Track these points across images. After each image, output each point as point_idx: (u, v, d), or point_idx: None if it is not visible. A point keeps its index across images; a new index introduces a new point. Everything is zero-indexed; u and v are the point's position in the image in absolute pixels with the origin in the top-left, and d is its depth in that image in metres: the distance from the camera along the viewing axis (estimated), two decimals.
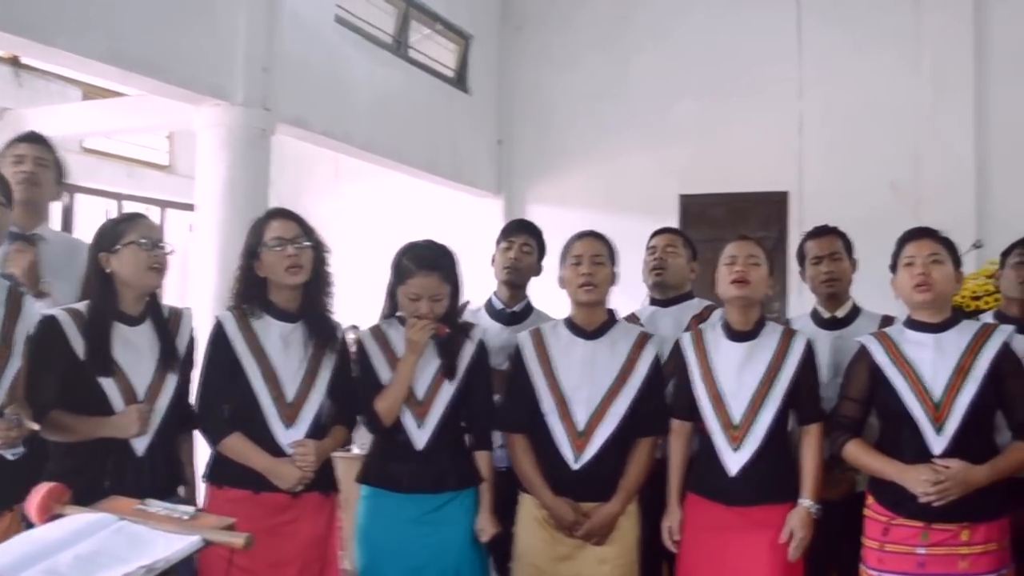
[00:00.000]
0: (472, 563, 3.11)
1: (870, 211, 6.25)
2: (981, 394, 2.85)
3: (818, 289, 3.58)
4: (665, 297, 3.84)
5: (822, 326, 3.53)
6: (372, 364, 3.13)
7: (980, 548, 2.82)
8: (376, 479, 3.13)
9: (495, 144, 9.13)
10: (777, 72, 8.13)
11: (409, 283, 3.05)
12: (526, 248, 3.78)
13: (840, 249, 3.58)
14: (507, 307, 3.77)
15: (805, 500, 3.03)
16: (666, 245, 3.87)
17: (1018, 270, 3.39)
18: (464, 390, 3.13)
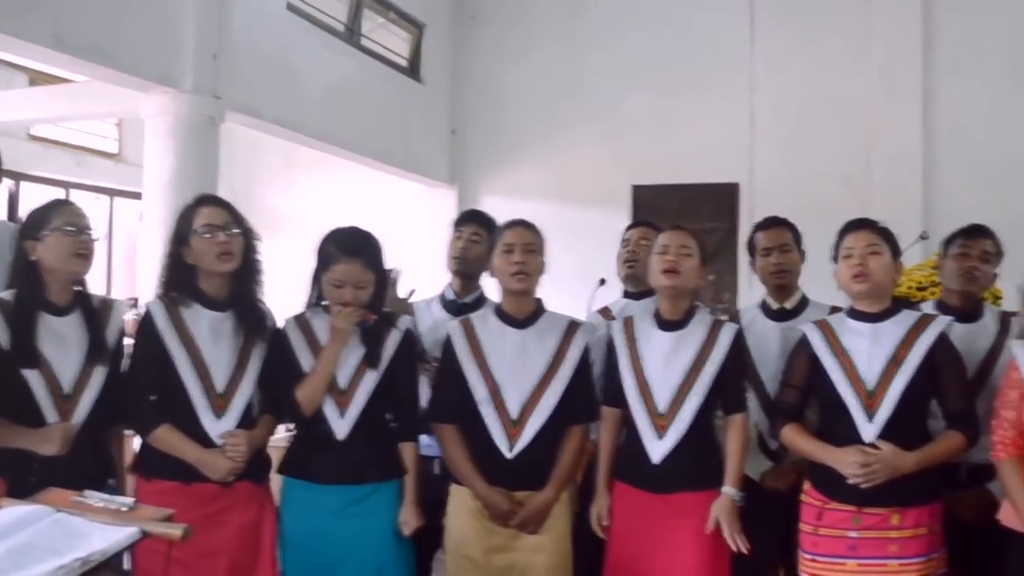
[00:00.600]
0: (395, 556, 3.04)
1: (820, 204, 6.31)
2: (914, 383, 2.90)
3: (767, 280, 3.61)
4: (638, 290, 3.84)
5: (771, 317, 3.56)
6: (295, 352, 3.06)
7: (910, 532, 2.87)
8: (296, 470, 3.06)
9: (448, 134, 9.10)
10: (729, 65, 8.20)
11: (333, 269, 2.99)
12: (475, 238, 3.75)
13: (789, 241, 3.61)
14: (459, 298, 3.75)
15: (728, 488, 3.06)
16: (639, 238, 3.87)
17: (959, 261, 3.43)
18: (388, 380, 3.08)
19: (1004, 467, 2.80)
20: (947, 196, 7.58)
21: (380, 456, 3.08)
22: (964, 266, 3.39)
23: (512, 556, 3.07)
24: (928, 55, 7.76)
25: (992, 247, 3.43)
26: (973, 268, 3.37)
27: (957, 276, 3.40)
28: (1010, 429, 2.79)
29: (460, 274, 3.74)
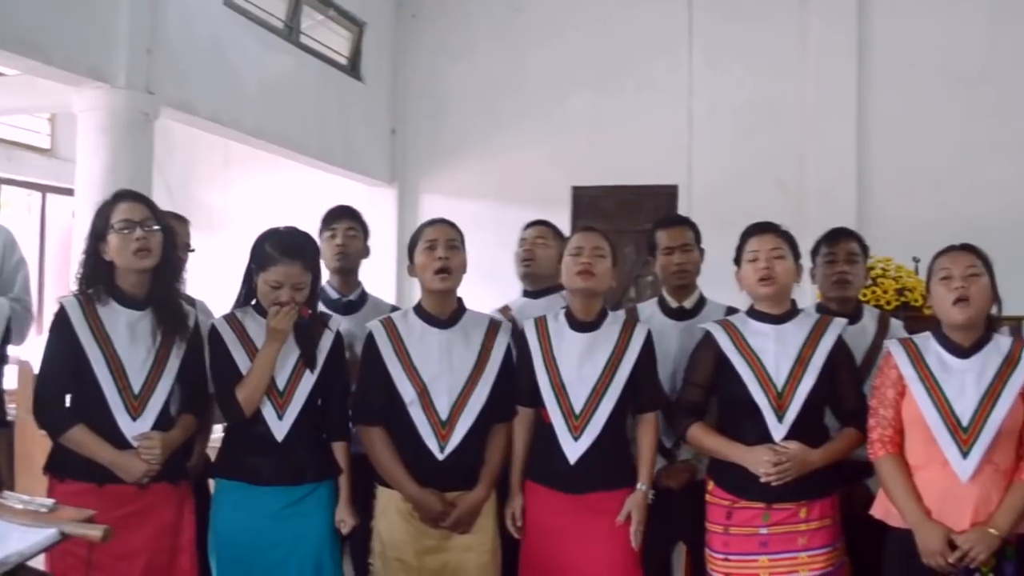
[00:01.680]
0: (333, 555, 3.06)
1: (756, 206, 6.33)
2: (818, 385, 2.98)
3: (668, 279, 3.63)
4: (535, 288, 3.85)
5: (670, 316, 3.59)
6: (229, 353, 3.03)
7: (816, 524, 2.96)
8: (231, 471, 3.03)
9: (388, 133, 9.07)
10: (668, 68, 8.28)
11: (271, 270, 2.97)
12: (351, 232, 3.74)
13: (691, 240, 3.65)
14: (342, 296, 3.72)
15: (641, 485, 3.10)
16: (536, 237, 3.88)
17: (828, 267, 3.50)
18: (323, 380, 3.07)
19: (883, 465, 2.88)
20: (880, 199, 7.74)
21: (317, 456, 3.07)
22: (834, 271, 3.48)
23: (444, 557, 3.09)
24: (862, 60, 7.91)
25: (857, 247, 3.52)
26: (844, 273, 3.46)
27: (829, 283, 3.48)
28: (888, 427, 2.88)
29: (341, 271, 3.73)
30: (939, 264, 2.88)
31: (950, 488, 2.76)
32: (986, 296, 2.82)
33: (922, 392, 2.82)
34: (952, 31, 7.79)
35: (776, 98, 8.06)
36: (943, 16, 7.80)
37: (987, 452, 2.72)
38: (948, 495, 2.76)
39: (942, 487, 2.77)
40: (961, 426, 2.75)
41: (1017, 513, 2.71)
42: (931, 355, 2.87)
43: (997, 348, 2.84)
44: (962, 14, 7.77)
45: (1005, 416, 2.73)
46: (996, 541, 2.69)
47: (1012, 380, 2.77)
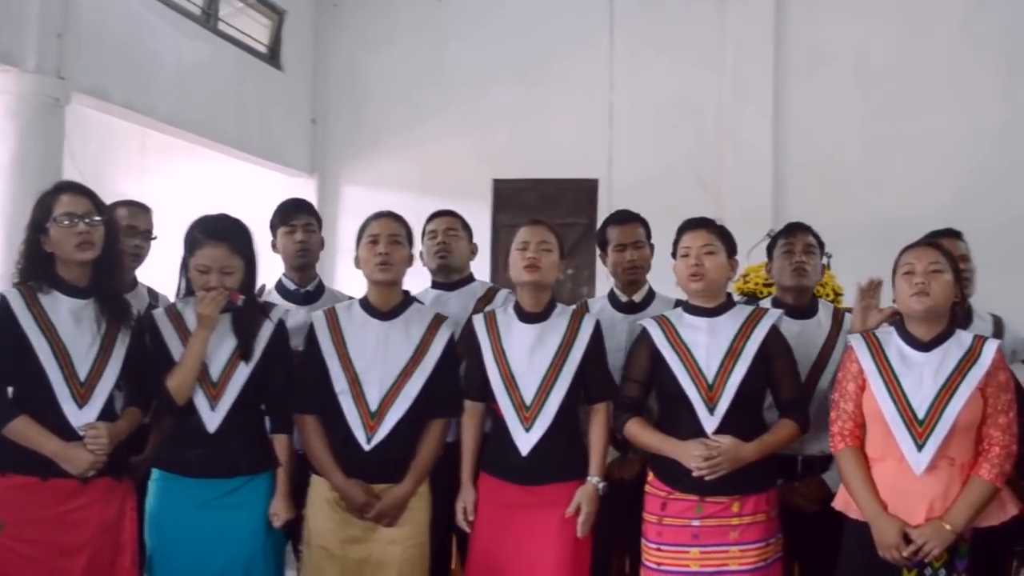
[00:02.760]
0: (265, 549, 3.02)
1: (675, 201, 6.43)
2: (750, 376, 3.01)
3: (620, 275, 3.67)
4: (449, 280, 3.85)
5: (619, 310, 3.63)
6: (165, 342, 3.01)
7: (749, 519, 2.99)
8: (167, 463, 3.01)
9: (309, 123, 8.96)
10: (589, 62, 8.32)
11: (198, 254, 2.96)
12: (310, 228, 3.73)
13: (642, 237, 3.69)
14: (300, 287, 3.70)
15: (592, 476, 3.13)
16: (447, 228, 3.86)
17: (786, 258, 3.56)
18: (262, 372, 3.05)
19: (843, 457, 2.91)
20: (795, 196, 7.87)
21: (251, 449, 3.05)
22: (792, 262, 3.53)
23: (368, 548, 3.08)
24: (779, 59, 8.04)
25: (813, 240, 3.59)
26: (801, 263, 3.52)
27: (788, 273, 3.54)
28: (849, 420, 2.92)
29: (302, 267, 3.71)
30: (903, 259, 2.93)
31: (906, 482, 2.79)
32: (947, 292, 2.88)
33: (880, 385, 2.86)
34: (865, 31, 7.96)
35: (695, 94, 8.16)
36: (857, 16, 7.97)
37: (942, 446, 2.76)
38: (904, 489, 2.79)
39: (898, 480, 2.81)
40: (917, 419, 2.78)
41: (972, 509, 2.74)
42: (892, 349, 2.91)
43: (958, 343, 2.87)
44: (875, 14, 7.95)
45: (961, 410, 2.76)
46: (950, 536, 2.72)
47: (970, 375, 2.80)
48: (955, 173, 7.66)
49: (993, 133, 7.68)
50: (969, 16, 7.81)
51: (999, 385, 2.81)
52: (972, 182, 7.58)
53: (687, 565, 2.98)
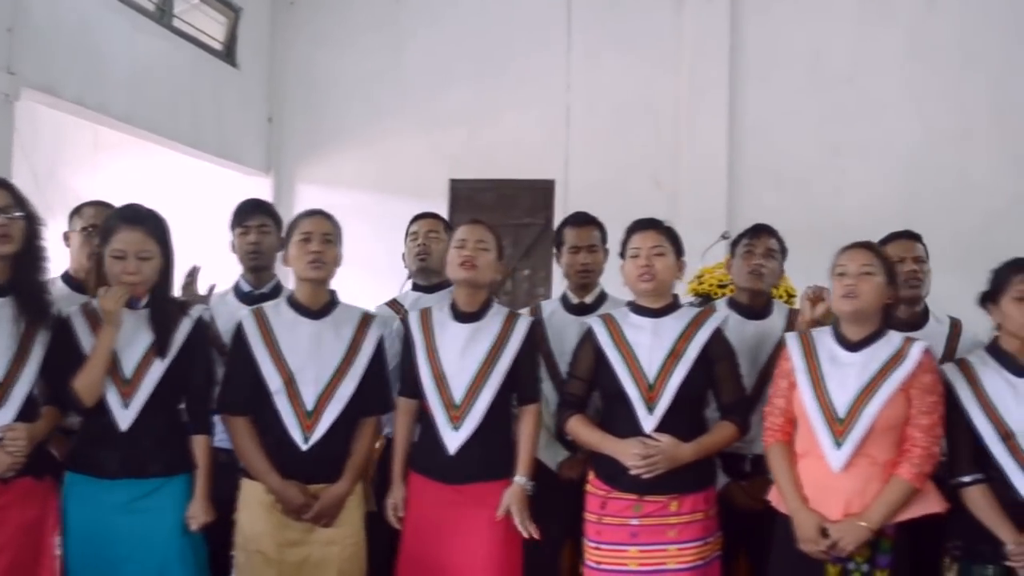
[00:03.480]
0: (181, 554, 2.95)
1: (632, 202, 6.46)
2: (691, 377, 3.05)
3: (573, 277, 3.69)
4: (429, 283, 3.85)
5: (571, 311, 3.65)
6: (78, 341, 2.94)
7: (687, 518, 3.03)
8: (79, 464, 2.94)
9: (265, 122, 8.90)
10: (547, 63, 8.33)
11: (113, 240, 2.90)
12: (265, 229, 3.69)
13: (597, 241, 3.72)
14: (255, 289, 3.67)
15: (520, 477, 3.14)
16: (428, 230, 3.88)
17: (746, 259, 3.60)
18: (178, 369, 2.99)
19: (772, 452, 2.99)
20: (749, 196, 7.94)
21: (166, 449, 2.97)
22: (750, 264, 3.57)
23: (306, 550, 3.05)
24: (735, 62, 8.09)
25: (776, 244, 3.62)
26: (759, 266, 3.55)
27: (745, 274, 3.58)
28: (780, 416, 2.99)
29: (256, 268, 3.68)
30: (838, 260, 2.99)
31: (825, 478, 2.85)
32: (877, 293, 2.92)
33: (805, 383, 2.92)
34: (820, 34, 8.04)
35: (651, 96, 8.20)
36: (812, 19, 8.05)
37: (861, 444, 2.82)
38: (824, 485, 2.86)
39: (819, 476, 2.87)
40: (837, 417, 2.84)
41: (890, 508, 2.80)
42: (823, 348, 2.97)
43: (888, 343, 2.93)
44: (830, 18, 8.03)
45: (880, 409, 2.82)
46: (865, 533, 2.78)
47: (894, 375, 2.86)
48: (907, 175, 7.78)
49: (944, 135, 7.79)
50: (920, 21, 7.92)
51: (924, 387, 2.86)
52: (924, 184, 7.70)
53: (625, 564, 3.01)
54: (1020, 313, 2.89)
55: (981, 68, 7.81)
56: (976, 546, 2.88)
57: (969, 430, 2.91)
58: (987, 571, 2.87)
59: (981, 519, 2.86)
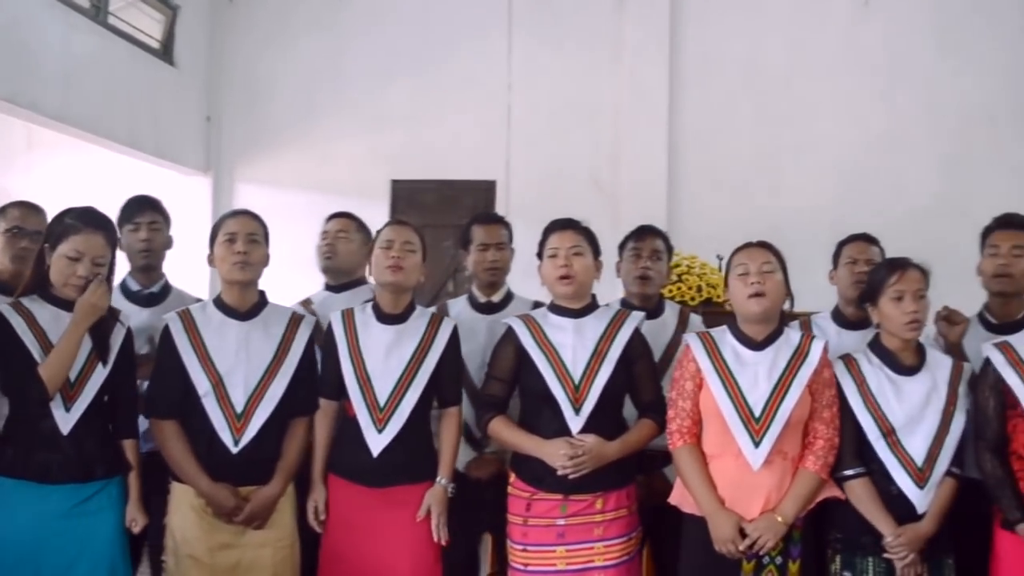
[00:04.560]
0: (125, 555, 2.98)
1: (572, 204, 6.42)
2: (614, 377, 3.09)
3: (481, 275, 3.72)
4: (337, 282, 3.85)
5: (479, 310, 3.67)
6: (19, 338, 2.88)
7: (612, 515, 3.07)
8: (17, 470, 2.87)
9: (203, 121, 8.81)
10: (488, 64, 8.35)
11: (70, 240, 2.87)
12: (155, 226, 3.66)
13: (505, 239, 3.75)
14: (144, 288, 3.64)
15: (441, 478, 3.16)
16: (337, 230, 3.87)
17: (633, 263, 3.65)
18: (114, 376, 2.99)
19: (680, 455, 3.00)
20: (688, 198, 8.04)
21: (106, 452, 2.97)
22: (637, 267, 3.62)
23: (238, 553, 3.04)
24: (674, 65, 8.19)
25: (662, 245, 3.67)
26: (646, 269, 3.61)
27: (633, 278, 3.63)
28: (687, 418, 3.01)
29: (145, 267, 3.65)
30: (737, 260, 3.03)
31: (743, 477, 2.90)
32: (780, 291, 2.99)
33: (718, 384, 2.96)
34: (756, 39, 8.16)
35: (592, 98, 8.26)
36: (748, 25, 8.17)
37: (777, 442, 2.88)
38: (741, 484, 2.90)
39: (735, 476, 2.91)
40: (753, 416, 2.89)
41: (802, 500, 2.88)
42: (727, 348, 3.01)
43: (788, 341, 3.00)
44: (765, 23, 8.16)
45: (794, 407, 2.90)
46: (782, 528, 2.85)
47: (801, 372, 2.93)
48: (840, 176, 7.94)
49: (875, 138, 7.97)
50: (853, 27, 8.09)
51: (823, 382, 2.96)
52: (856, 186, 7.86)
53: (553, 564, 3.04)
54: (899, 313, 2.98)
55: (910, 73, 8.01)
56: (857, 538, 2.97)
57: (853, 425, 3.00)
58: (866, 562, 2.96)
59: (862, 511, 2.95)
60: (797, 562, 2.92)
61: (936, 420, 2.96)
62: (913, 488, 2.92)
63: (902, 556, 2.89)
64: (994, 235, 3.49)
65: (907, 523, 2.92)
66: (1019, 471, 2.94)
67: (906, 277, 3.00)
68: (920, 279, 3.02)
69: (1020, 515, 2.89)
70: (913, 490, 2.92)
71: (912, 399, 2.97)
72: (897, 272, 3.01)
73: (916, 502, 2.92)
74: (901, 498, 2.94)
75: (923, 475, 2.92)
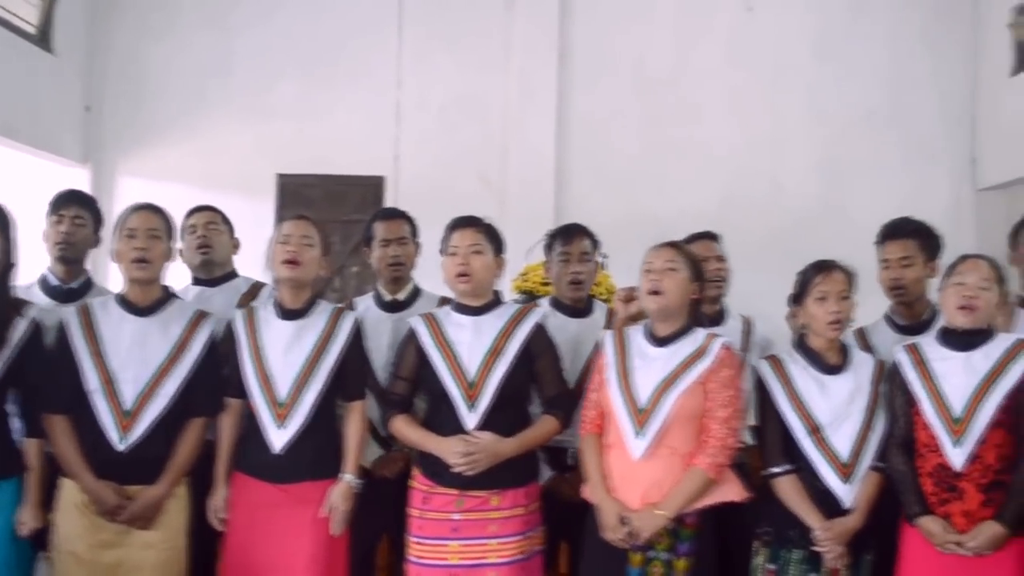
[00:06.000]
0: (8, 559, 2.90)
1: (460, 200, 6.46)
2: (512, 373, 3.13)
3: (383, 271, 3.71)
4: (211, 276, 3.80)
5: (384, 308, 3.67)
6: None
7: (508, 512, 3.11)
8: None
9: (82, 111, 8.53)
10: (377, 59, 8.30)
11: None
12: (79, 221, 3.59)
13: (407, 234, 3.75)
14: (63, 283, 3.55)
15: (346, 474, 3.16)
16: (207, 222, 3.82)
17: (562, 266, 3.68)
18: (11, 371, 2.91)
19: (584, 443, 3.11)
20: (576, 195, 8.13)
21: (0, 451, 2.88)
22: (568, 272, 3.66)
23: (121, 552, 2.99)
24: (563, 64, 8.26)
25: (589, 245, 3.73)
26: (576, 273, 3.65)
27: (565, 283, 3.67)
28: (592, 409, 3.12)
29: (64, 260, 3.57)
30: (645, 259, 3.11)
31: (628, 468, 2.98)
32: (681, 289, 3.06)
33: (613, 376, 3.05)
34: (644, 39, 8.29)
35: (481, 94, 8.29)
36: (636, 25, 8.30)
37: (663, 435, 2.95)
38: (626, 474, 2.99)
39: (623, 466, 3.00)
40: (639, 408, 2.97)
41: (686, 497, 2.94)
42: (635, 344, 3.09)
43: (692, 340, 3.08)
44: (653, 24, 8.30)
45: (677, 400, 2.96)
46: (661, 521, 2.92)
47: (694, 369, 3.01)
48: (724, 177, 8.11)
49: (758, 140, 8.18)
50: (738, 29, 8.28)
51: (722, 381, 3.03)
52: (740, 186, 8.04)
53: (446, 558, 3.07)
54: (822, 313, 3.11)
55: (792, 77, 8.24)
56: (784, 532, 3.08)
57: (780, 424, 3.11)
58: (793, 555, 3.06)
59: (790, 507, 3.06)
60: (684, 560, 2.98)
61: (860, 417, 3.09)
62: (839, 483, 3.04)
63: (830, 549, 2.98)
64: (883, 248, 3.63)
65: (835, 518, 3.02)
66: (920, 468, 3.07)
67: (830, 278, 3.13)
68: (844, 280, 3.15)
69: (919, 510, 3.02)
70: (839, 485, 3.04)
71: (837, 397, 3.09)
72: (822, 273, 3.13)
73: (842, 497, 3.05)
74: (827, 493, 3.06)
75: (848, 470, 3.05)
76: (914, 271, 3.55)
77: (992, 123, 8.03)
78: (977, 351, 3.07)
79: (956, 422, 2.99)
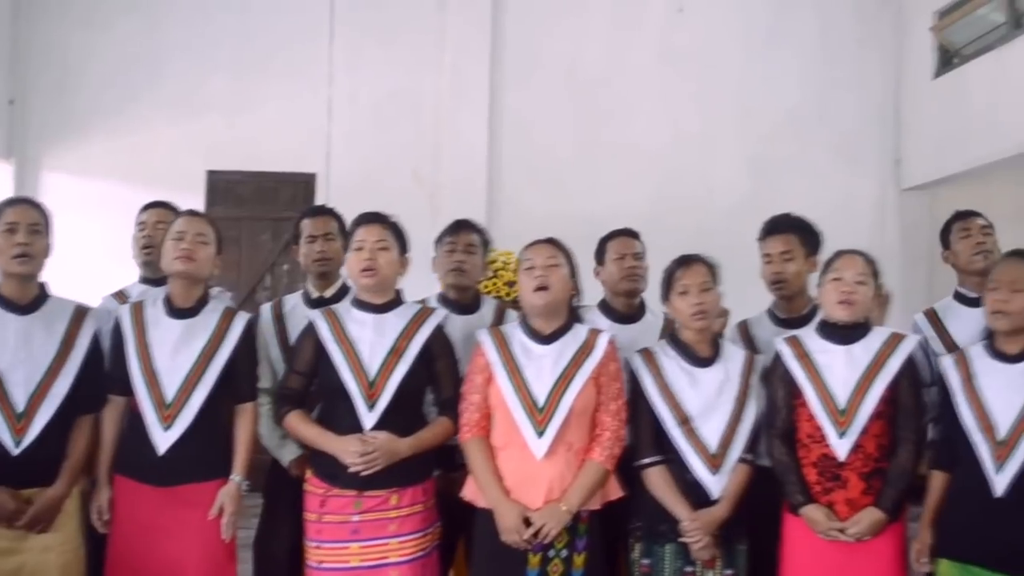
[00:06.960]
0: None
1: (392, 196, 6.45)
2: (411, 374, 3.13)
3: (312, 267, 3.70)
4: (157, 275, 3.75)
5: (311, 306, 3.65)
6: None
7: (407, 510, 3.10)
8: None
9: (5, 104, 8.33)
10: (309, 55, 8.23)
11: None
12: None
13: (335, 230, 3.73)
14: None
15: (235, 476, 3.14)
16: (156, 221, 3.78)
17: (446, 257, 3.70)
18: None
19: (469, 448, 3.08)
20: (509, 192, 8.15)
21: None
22: (451, 260, 3.68)
23: (20, 558, 2.93)
24: (495, 62, 8.27)
25: (477, 239, 3.74)
26: (460, 262, 3.67)
27: (446, 271, 3.69)
28: (476, 411, 3.09)
29: None
30: (524, 255, 3.14)
31: (528, 467, 2.98)
32: (563, 285, 3.09)
33: (504, 376, 3.04)
34: (576, 38, 8.33)
35: (414, 92, 8.26)
36: (568, 23, 8.33)
37: (561, 432, 2.98)
38: (526, 474, 2.99)
39: (521, 467, 3.00)
40: (537, 407, 2.98)
41: (586, 490, 2.97)
42: (516, 342, 3.10)
43: (575, 336, 3.11)
44: (585, 24, 8.34)
45: (576, 397, 2.99)
46: (566, 517, 2.94)
47: (585, 365, 3.05)
48: (655, 175, 8.19)
49: (688, 139, 8.27)
50: (669, 28, 8.36)
51: (610, 375, 3.08)
52: (669, 184, 8.13)
53: (347, 560, 3.05)
54: (685, 306, 3.17)
55: (723, 75, 8.35)
56: (656, 527, 3.13)
57: (651, 415, 3.15)
58: (664, 550, 3.11)
59: (659, 498, 3.10)
60: (583, 554, 3.02)
61: (729, 409, 3.14)
62: (707, 474, 3.09)
63: (696, 540, 3.03)
64: (765, 243, 3.71)
65: (703, 508, 3.06)
66: (803, 458, 3.14)
67: (690, 271, 3.18)
68: (705, 272, 3.20)
69: (803, 499, 3.09)
70: (707, 476, 3.09)
71: (707, 389, 3.14)
72: (683, 267, 3.19)
73: (710, 488, 3.09)
74: (696, 484, 3.10)
75: (717, 461, 3.10)
76: (795, 265, 3.65)
77: (915, 124, 8.23)
78: (857, 344, 3.17)
79: (841, 413, 3.08)
